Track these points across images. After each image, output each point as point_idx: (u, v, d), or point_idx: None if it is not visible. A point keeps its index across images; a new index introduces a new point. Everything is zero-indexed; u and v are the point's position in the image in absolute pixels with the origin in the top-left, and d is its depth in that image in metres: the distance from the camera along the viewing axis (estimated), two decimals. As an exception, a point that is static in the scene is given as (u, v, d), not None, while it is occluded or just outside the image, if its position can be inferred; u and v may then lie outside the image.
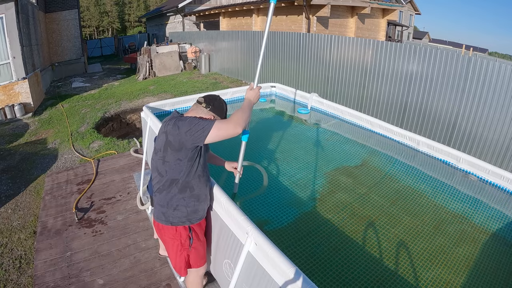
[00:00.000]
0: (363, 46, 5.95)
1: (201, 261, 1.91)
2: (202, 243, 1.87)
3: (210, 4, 16.98)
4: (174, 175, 1.66)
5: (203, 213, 1.82)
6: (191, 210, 1.74)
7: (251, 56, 9.61)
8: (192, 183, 1.71)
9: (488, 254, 1.95)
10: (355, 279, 1.75)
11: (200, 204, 1.77)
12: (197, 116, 1.67)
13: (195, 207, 1.75)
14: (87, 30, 44.05)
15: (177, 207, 1.71)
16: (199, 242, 1.84)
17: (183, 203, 1.71)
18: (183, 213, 1.73)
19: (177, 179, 1.68)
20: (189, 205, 1.73)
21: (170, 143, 1.60)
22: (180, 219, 1.73)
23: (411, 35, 28.07)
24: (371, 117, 3.47)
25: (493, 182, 2.51)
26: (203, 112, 1.72)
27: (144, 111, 3.37)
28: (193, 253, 1.83)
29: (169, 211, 1.72)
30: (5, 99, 7.02)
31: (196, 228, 1.80)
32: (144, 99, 8.36)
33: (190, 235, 1.78)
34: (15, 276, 2.63)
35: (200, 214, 1.80)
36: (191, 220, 1.76)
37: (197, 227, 1.81)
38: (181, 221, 1.73)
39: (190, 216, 1.75)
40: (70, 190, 3.84)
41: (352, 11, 11.82)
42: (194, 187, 1.72)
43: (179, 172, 1.65)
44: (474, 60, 4.39)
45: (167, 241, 1.79)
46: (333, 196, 2.47)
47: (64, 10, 12.67)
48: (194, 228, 1.79)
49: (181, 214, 1.72)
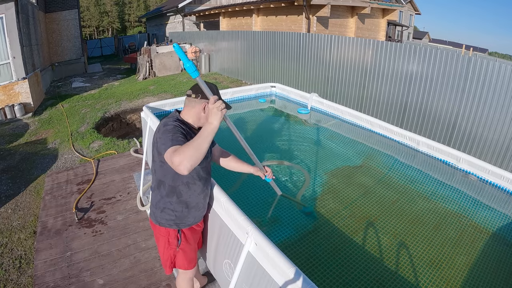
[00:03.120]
0: (363, 46, 5.95)
1: (189, 264, 1.84)
2: (191, 247, 1.82)
3: (210, 4, 16.97)
4: (160, 176, 1.63)
5: (195, 220, 1.77)
6: (180, 215, 1.70)
7: (251, 56, 9.60)
8: (179, 189, 1.65)
9: (488, 254, 1.95)
10: (355, 279, 1.75)
11: (190, 211, 1.72)
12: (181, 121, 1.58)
13: (184, 213, 1.70)
14: (87, 30, 44.04)
15: (164, 209, 1.68)
16: (188, 245, 1.79)
17: (170, 207, 1.68)
18: (170, 216, 1.69)
19: (163, 181, 1.64)
20: (177, 209, 1.68)
21: (154, 143, 1.57)
22: (167, 222, 1.70)
23: (411, 35, 28.07)
24: (371, 117, 3.47)
25: (493, 182, 2.51)
26: (196, 103, 1.63)
27: (144, 111, 3.37)
28: (180, 254, 1.79)
29: (157, 212, 1.70)
30: (5, 99, 7.02)
31: (186, 231, 1.77)
32: (144, 99, 8.36)
33: (178, 236, 1.74)
34: (15, 276, 2.63)
35: (190, 221, 1.75)
36: (179, 225, 1.72)
37: (188, 231, 1.77)
38: (169, 224, 1.71)
39: (178, 220, 1.71)
40: (70, 190, 3.84)
41: (352, 11, 11.82)
42: (182, 194, 1.66)
43: (164, 174, 1.62)
44: (474, 60, 4.39)
45: (157, 236, 1.79)
46: (333, 196, 2.47)
47: (64, 10, 12.67)
48: (184, 231, 1.76)
49: (168, 217, 1.69)
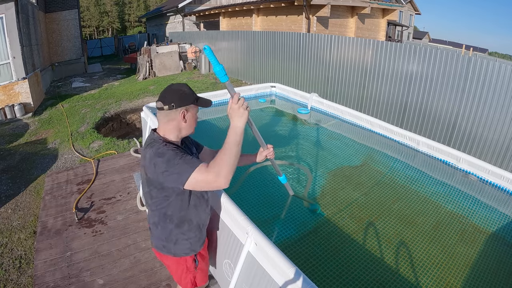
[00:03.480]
0: (363, 46, 5.95)
1: (206, 278, 1.79)
2: (206, 260, 1.76)
3: (210, 4, 16.98)
4: (165, 211, 1.46)
5: (205, 236, 1.69)
6: (194, 241, 1.59)
7: (251, 56, 9.60)
8: (189, 216, 1.50)
9: (488, 254, 1.95)
10: (355, 279, 1.75)
11: (202, 231, 1.62)
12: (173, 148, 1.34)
13: (197, 237, 1.59)
14: (87, 30, 44.05)
15: (177, 241, 1.54)
16: (204, 261, 1.73)
17: (183, 237, 1.54)
18: (185, 246, 1.56)
19: (170, 215, 1.47)
20: (191, 237, 1.56)
21: (151, 180, 1.37)
22: (184, 251, 1.57)
23: (411, 35, 28.07)
24: (371, 117, 3.47)
25: (493, 182, 2.51)
26: (172, 114, 1.40)
27: (144, 111, 3.37)
28: (199, 273, 1.70)
29: (170, 245, 1.55)
30: (5, 99, 7.02)
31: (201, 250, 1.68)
32: (144, 99, 8.36)
33: (195, 258, 1.65)
34: (15, 276, 2.63)
35: (203, 239, 1.65)
36: (196, 250, 1.61)
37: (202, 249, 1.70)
38: (185, 252, 1.58)
39: (194, 246, 1.59)
40: (70, 190, 3.84)
41: (352, 11, 11.82)
42: (192, 219, 1.52)
43: (170, 208, 1.45)
44: (474, 60, 4.39)
45: (170, 266, 1.66)
46: (333, 196, 2.47)
47: (64, 10, 12.68)
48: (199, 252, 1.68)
49: (183, 247, 1.56)
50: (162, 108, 1.39)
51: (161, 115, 1.42)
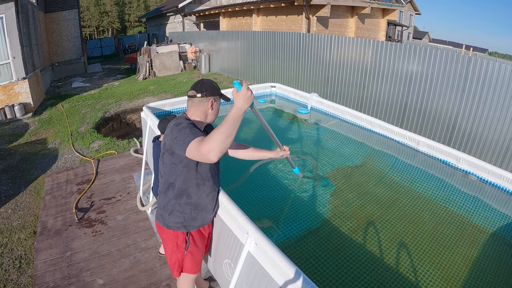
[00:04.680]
0: (363, 46, 5.95)
1: (196, 268, 1.84)
2: (199, 249, 1.81)
3: (210, 4, 16.97)
4: (171, 178, 1.63)
5: (203, 222, 1.76)
6: (188, 217, 1.69)
7: (251, 56, 9.60)
8: (189, 191, 1.65)
9: (488, 254, 1.95)
10: (355, 279, 1.75)
11: (199, 213, 1.72)
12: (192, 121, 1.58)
13: (192, 215, 1.70)
14: (87, 30, 44.04)
15: (172, 211, 1.68)
16: (196, 248, 1.78)
17: (178, 209, 1.67)
18: (179, 219, 1.69)
19: (173, 183, 1.64)
20: (185, 211, 1.68)
21: (165, 145, 1.58)
22: (176, 224, 1.69)
23: (411, 35, 28.07)
24: (371, 117, 3.47)
25: (493, 182, 2.51)
26: (202, 102, 1.62)
27: (144, 111, 3.37)
28: (188, 257, 1.78)
29: (165, 214, 1.69)
30: (5, 99, 7.02)
31: (194, 234, 1.76)
32: (144, 99, 8.36)
33: (186, 239, 1.73)
34: (15, 276, 2.63)
35: (199, 222, 1.74)
36: (188, 227, 1.71)
37: (196, 233, 1.76)
38: (177, 226, 1.70)
39: (187, 223, 1.70)
40: (70, 190, 3.84)
41: (352, 11, 11.82)
42: (192, 195, 1.66)
43: (175, 176, 1.62)
44: (474, 60, 4.39)
45: (164, 239, 1.78)
46: (333, 196, 2.47)
47: (64, 10, 12.67)
48: (192, 234, 1.75)
49: (177, 219, 1.69)
50: (195, 95, 1.61)
51: (193, 102, 1.63)
